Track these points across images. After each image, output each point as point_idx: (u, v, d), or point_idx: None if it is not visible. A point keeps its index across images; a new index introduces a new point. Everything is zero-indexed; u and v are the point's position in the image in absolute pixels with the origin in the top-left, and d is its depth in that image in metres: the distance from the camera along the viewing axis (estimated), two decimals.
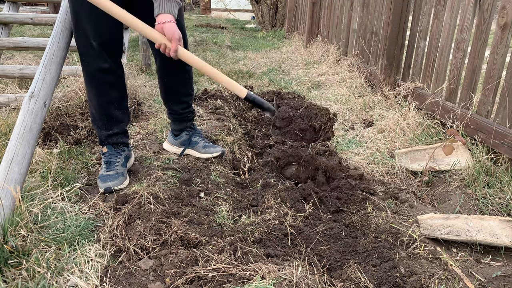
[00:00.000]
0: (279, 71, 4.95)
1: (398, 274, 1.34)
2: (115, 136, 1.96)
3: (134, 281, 1.27)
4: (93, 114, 1.93)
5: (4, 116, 2.54)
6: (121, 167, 1.92)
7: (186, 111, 2.17)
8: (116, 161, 1.92)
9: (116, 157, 1.93)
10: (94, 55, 1.79)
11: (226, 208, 1.78)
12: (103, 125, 1.92)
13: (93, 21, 1.73)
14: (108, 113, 1.91)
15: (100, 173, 1.89)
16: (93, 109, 1.91)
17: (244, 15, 14.42)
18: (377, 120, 2.85)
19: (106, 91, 1.86)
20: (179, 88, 2.11)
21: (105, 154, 1.94)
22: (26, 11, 9.25)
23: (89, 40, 1.74)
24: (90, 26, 1.73)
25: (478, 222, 1.58)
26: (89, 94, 1.89)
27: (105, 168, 1.90)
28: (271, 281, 1.20)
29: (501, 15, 2.04)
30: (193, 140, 2.22)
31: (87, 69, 1.82)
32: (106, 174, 1.86)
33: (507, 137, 1.92)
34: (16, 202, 1.42)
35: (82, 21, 1.73)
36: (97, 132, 1.96)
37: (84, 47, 1.78)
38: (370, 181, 2.08)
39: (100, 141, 1.98)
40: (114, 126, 1.94)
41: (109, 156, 1.93)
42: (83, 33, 1.75)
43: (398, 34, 3.13)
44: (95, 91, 1.86)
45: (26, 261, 1.27)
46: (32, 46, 3.47)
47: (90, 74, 1.83)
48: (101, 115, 1.90)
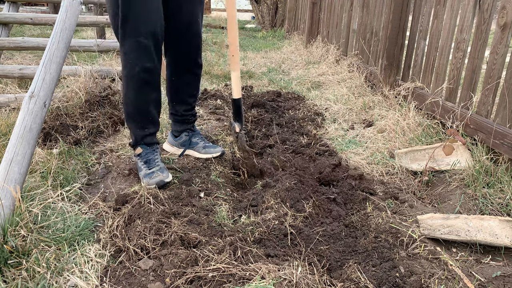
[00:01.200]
0: (279, 71, 4.95)
1: (398, 274, 1.34)
2: (150, 136, 1.95)
3: (134, 281, 1.27)
4: (129, 114, 1.90)
5: (4, 116, 2.54)
6: (161, 163, 1.92)
7: (188, 114, 2.17)
8: (155, 158, 1.92)
9: (153, 154, 1.93)
10: (142, 53, 1.76)
11: (226, 208, 1.78)
12: (141, 125, 1.91)
13: (145, 16, 1.71)
14: (147, 113, 1.90)
15: (142, 173, 1.87)
16: (130, 109, 1.88)
17: (244, 15, 14.42)
18: (377, 120, 2.85)
19: (148, 91, 1.85)
20: (186, 88, 2.11)
21: (140, 155, 1.93)
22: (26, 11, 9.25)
23: (139, 37, 1.72)
24: (141, 21, 1.71)
25: (478, 222, 1.58)
26: (128, 94, 1.85)
27: (146, 167, 1.88)
28: (271, 281, 1.20)
29: (501, 15, 2.04)
30: (193, 141, 2.21)
31: (130, 68, 1.78)
32: (150, 171, 1.84)
33: (507, 137, 1.92)
34: (16, 202, 1.42)
35: (133, 16, 1.70)
36: (132, 133, 1.94)
37: (131, 45, 1.74)
38: (370, 181, 2.08)
39: (134, 142, 1.95)
40: (151, 126, 1.94)
41: (147, 155, 1.92)
42: (131, 30, 1.71)
43: (398, 34, 3.13)
44: (136, 91, 1.83)
45: (26, 261, 1.27)
46: (32, 46, 3.47)
47: (134, 74, 1.79)
48: (140, 115, 1.89)
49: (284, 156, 2.33)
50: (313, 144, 2.59)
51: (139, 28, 1.72)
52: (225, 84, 4.10)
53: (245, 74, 4.60)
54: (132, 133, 1.95)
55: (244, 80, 4.37)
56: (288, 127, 2.95)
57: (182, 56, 2.02)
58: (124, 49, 1.76)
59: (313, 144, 2.59)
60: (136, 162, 1.96)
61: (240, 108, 1.99)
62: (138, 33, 1.72)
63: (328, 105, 3.37)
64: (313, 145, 2.58)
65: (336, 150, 2.49)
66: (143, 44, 1.73)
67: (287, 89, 4.03)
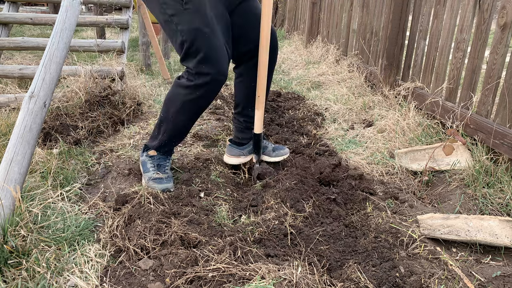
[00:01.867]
0: (279, 71, 4.95)
1: (398, 274, 1.34)
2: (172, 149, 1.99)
3: (134, 281, 1.27)
4: (171, 131, 1.89)
5: (4, 116, 2.54)
6: (170, 172, 1.94)
7: None
8: (166, 165, 1.93)
9: (165, 161, 1.95)
10: (216, 88, 1.76)
11: (226, 208, 1.78)
12: (176, 140, 1.94)
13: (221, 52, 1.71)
14: (186, 132, 1.94)
15: (149, 176, 1.86)
16: (174, 127, 1.87)
17: None
18: (377, 120, 2.85)
19: (197, 116, 1.89)
20: None
21: (154, 157, 1.93)
22: (26, 11, 9.25)
23: (217, 74, 1.71)
24: (220, 57, 1.70)
25: (478, 222, 1.58)
26: (178, 116, 1.84)
27: (154, 171, 1.88)
28: (271, 281, 1.20)
29: (501, 15, 2.04)
30: (264, 145, 2.17)
31: (197, 98, 1.76)
32: (159, 177, 1.85)
33: (507, 137, 1.92)
34: (16, 202, 1.42)
35: (216, 50, 1.69)
36: (162, 142, 1.92)
37: (207, 79, 1.71)
38: (370, 181, 2.08)
39: (157, 148, 1.94)
40: (180, 141, 1.98)
41: (159, 160, 1.93)
42: (211, 66, 1.69)
43: (398, 34, 3.13)
44: (188, 116, 1.85)
45: (26, 261, 1.27)
46: (32, 46, 3.47)
47: (198, 104, 1.79)
48: (181, 134, 1.92)
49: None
50: (313, 144, 2.59)
51: (217, 65, 1.70)
52: (225, 84, 4.10)
53: None
54: (161, 142, 1.93)
55: None
56: (288, 127, 2.95)
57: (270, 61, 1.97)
58: (198, 81, 1.72)
59: (313, 144, 2.59)
60: (145, 161, 1.94)
61: (260, 142, 2.07)
62: (216, 69, 1.71)
63: (328, 105, 3.37)
64: (313, 145, 2.58)
65: (336, 150, 2.49)
66: (219, 80, 1.73)
67: (287, 89, 4.03)
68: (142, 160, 1.96)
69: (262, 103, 1.95)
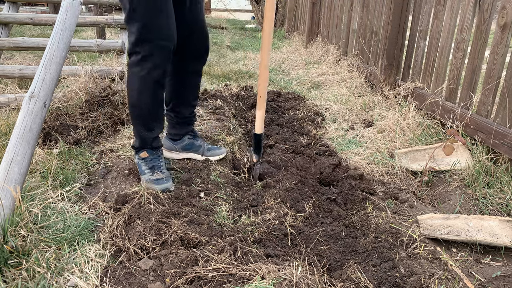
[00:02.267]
0: (279, 71, 4.95)
1: (398, 274, 1.34)
2: (157, 139, 1.94)
3: (134, 281, 1.27)
4: (142, 117, 1.86)
5: (4, 116, 2.54)
6: (166, 170, 1.90)
7: (192, 115, 2.16)
8: (160, 165, 1.90)
9: (159, 161, 1.92)
10: (163, 58, 1.74)
11: (226, 208, 1.78)
12: (150, 127, 1.88)
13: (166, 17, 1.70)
14: (156, 115, 1.88)
15: (147, 178, 1.84)
16: (144, 112, 1.85)
17: (244, 15, 14.42)
18: (377, 120, 2.85)
19: (159, 93, 1.84)
20: (193, 90, 2.10)
21: (146, 159, 1.90)
22: (26, 11, 9.24)
23: (160, 39, 1.69)
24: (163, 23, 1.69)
25: (478, 222, 1.58)
26: (140, 97, 1.81)
27: (150, 173, 1.86)
28: (271, 281, 1.20)
29: (501, 15, 2.04)
30: (196, 144, 2.18)
31: (149, 71, 1.74)
32: (156, 178, 1.83)
33: (507, 137, 1.92)
34: (16, 202, 1.42)
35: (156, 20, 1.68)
36: (139, 135, 1.90)
37: (151, 48, 1.70)
38: (370, 181, 2.08)
39: (141, 145, 1.92)
40: (158, 128, 1.92)
41: (152, 161, 1.90)
42: (154, 32, 1.68)
43: (398, 34, 3.13)
44: (150, 94, 1.81)
45: (26, 261, 1.27)
46: (32, 46, 3.47)
47: (153, 78, 1.76)
48: (150, 117, 1.87)
49: (284, 156, 2.33)
50: (313, 144, 2.59)
51: (161, 31, 1.69)
52: (225, 84, 4.10)
53: (245, 74, 4.60)
54: (139, 136, 1.91)
55: (244, 80, 4.37)
56: (288, 127, 2.95)
57: (192, 59, 2.01)
58: (143, 51, 1.71)
59: (313, 144, 2.59)
60: (139, 164, 1.92)
61: (261, 142, 2.10)
62: (160, 35, 1.69)
63: (328, 105, 3.37)
64: (313, 145, 2.58)
65: (336, 150, 2.49)
66: (164, 47, 1.72)
67: (287, 89, 4.03)
68: (136, 162, 1.96)
69: (263, 103, 1.98)
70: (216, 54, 5.96)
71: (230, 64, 5.23)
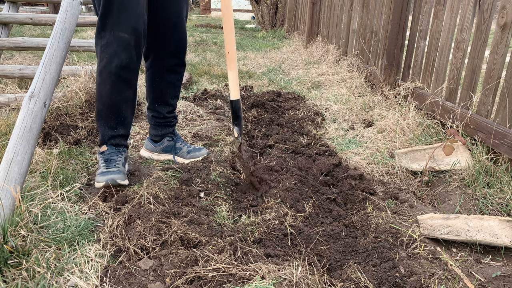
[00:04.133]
0: (279, 71, 4.95)
1: (398, 274, 1.34)
2: (119, 137, 1.87)
3: (134, 281, 1.27)
4: (100, 111, 1.82)
5: (4, 116, 2.54)
6: (122, 166, 1.81)
7: (171, 116, 2.12)
8: (117, 159, 1.82)
9: (117, 156, 1.84)
10: (120, 48, 1.69)
11: (226, 208, 1.78)
12: (110, 124, 1.82)
13: (127, 9, 1.66)
14: (119, 113, 1.81)
15: (98, 172, 1.77)
16: (101, 105, 1.80)
17: (244, 15, 14.42)
18: (377, 120, 2.85)
19: (122, 89, 1.77)
20: (170, 89, 2.06)
21: (104, 153, 1.83)
22: (26, 11, 9.25)
23: (119, 31, 1.66)
24: (122, 15, 1.66)
25: (478, 222, 1.58)
26: (101, 89, 1.77)
27: (104, 165, 1.77)
28: (271, 281, 1.20)
29: (501, 15, 2.04)
30: (177, 146, 2.16)
31: (107, 63, 1.70)
32: (106, 170, 1.74)
33: (507, 137, 1.92)
34: (16, 202, 1.42)
35: (115, 7, 1.65)
36: (100, 131, 1.85)
37: (109, 39, 1.68)
38: (370, 181, 2.08)
39: (101, 141, 1.86)
40: (121, 127, 1.85)
41: (110, 155, 1.82)
42: (112, 22, 1.66)
43: (398, 34, 3.13)
44: (109, 88, 1.75)
45: (26, 261, 1.27)
46: (32, 46, 3.47)
47: (110, 69, 1.71)
48: (111, 113, 1.81)
49: (284, 156, 2.33)
50: (313, 144, 2.59)
51: (120, 22, 1.66)
52: (225, 84, 4.10)
53: (245, 74, 4.60)
54: (100, 131, 1.85)
55: (244, 80, 4.37)
56: (288, 127, 2.95)
57: (168, 56, 1.98)
58: (102, 41, 1.69)
59: (313, 144, 2.59)
60: (98, 159, 1.84)
61: (239, 111, 1.87)
62: (119, 26, 1.66)
63: (328, 105, 3.37)
64: (313, 145, 2.58)
65: (336, 150, 2.49)
66: (123, 39, 1.67)
67: (287, 89, 4.03)
68: (97, 158, 1.88)
69: (234, 62, 1.76)
70: (216, 54, 5.96)
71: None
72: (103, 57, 1.71)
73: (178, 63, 2.04)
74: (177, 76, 2.06)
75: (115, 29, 1.67)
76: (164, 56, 1.99)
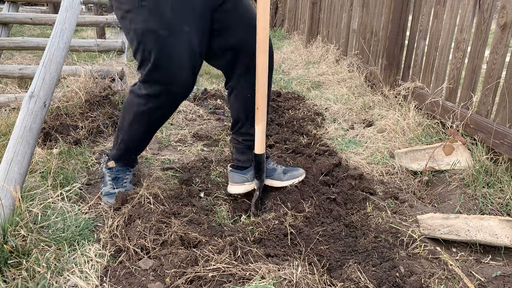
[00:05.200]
0: (279, 71, 4.95)
1: (398, 274, 1.34)
2: (133, 159, 1.84)
3: (134, 281, 1.27)
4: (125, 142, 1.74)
5: (4, 116, 2.54)
6: (129, 184, 1.81)
7: None
8: (125, 178, 1.80)
9: (125, 174, 1.81)
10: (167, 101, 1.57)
11: (226, 208, 1.78)
12: (131, 152, 1.78)
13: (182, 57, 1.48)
14: (143, 146, 1.79)
15: (105, 190, 1.75)
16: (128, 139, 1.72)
17: None
18: (377, 120, 2.85)
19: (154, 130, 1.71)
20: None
21: (112, 169, 1.80)
22: (26, 11, 9.24)
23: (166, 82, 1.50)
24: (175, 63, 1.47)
25: (478, 222, 1.58)
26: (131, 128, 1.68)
27: (111, 184, 1.76)
28: (271, 281, 1.20)
29: (501, 15, 2.04)
30: (270, 168, 1.81)
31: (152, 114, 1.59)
32: (114, 191, 1.74)
33: (507, 137, 1.92)
34: (16, 202, 1.42)
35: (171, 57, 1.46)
36: (120, 154, 1.78)
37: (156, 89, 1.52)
38: (370, 181, 2.08)
39: (114, 157, 1.80)
40: (139, 152, 1.84)
41: (118, 172, 1.79)
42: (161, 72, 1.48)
43: (398, 34, 3.12)
44: (142, 130, 1.68)
45: (26, 261, 1.27)
46: (32, 46, 3.47)
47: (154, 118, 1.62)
48: (142, 146, 1.78)
49: (284, 156, 2.33)
50: (313, 144, 2.59)
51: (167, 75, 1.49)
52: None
53: None
54: (117, 151, 1.78)
55: None
56: (288, 127, 2.95)
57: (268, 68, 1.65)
58: (148, 91, 1.55)
59: (313, 144, 2.59)
60: (104, 173, 1.81)
61: (261, 164, 1.70)
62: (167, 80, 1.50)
63: (328, 105, 3.37)
64: (313, 145, 2.58)
65: (336, 150, 2.49)
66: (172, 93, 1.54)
67: (287, 89, 4.03)
68: (103, 172, 1.83)
69: (263, 116, 1.60)
70: None
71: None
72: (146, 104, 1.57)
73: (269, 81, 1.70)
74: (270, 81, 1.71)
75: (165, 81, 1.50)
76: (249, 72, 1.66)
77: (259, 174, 1.73)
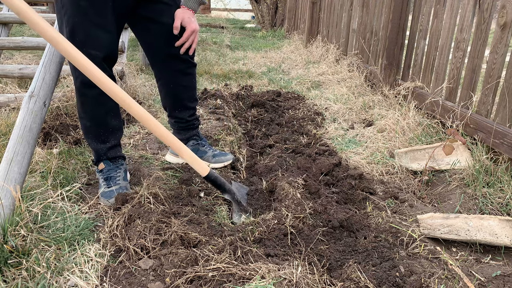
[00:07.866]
0: (279, 70, 4.95)
1: (398, 273, 1.34)
2: (113, 149, 1.84)
3: (134, 281, 1.27)
4: (87, 128, 1.79)
5: (4, 116, 2.54)
6: (123, 181, 1.80)
7: (192, 118, 2.08)
8: (117, 176, 1.80)
9: (116, 172, 1.82)
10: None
11: (226, 208, 1.78)
12: (100, 138, 1.79)
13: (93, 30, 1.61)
14: (106, 124, 1.78)
15: (100, 191, 1.76)
16: (87, 122, 1.77)
17: (244, 14, 14.42)
18: (377, 120, 2.85)
19: (103, 101, 1.71)
20: (185, 92, 2.00)
21: (102, 171, 1.81)
22: None
23: (88, 50, 1.59)
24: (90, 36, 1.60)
25: (478, 221, 1.58)
26: (83, 107, 1.74)
27: (105, 185, 1.77)
28: (271, 281, 1.20)
29: (500, 14, 2.04)
30: (201, 150, 2.10)
31: (82, 79, 1.64)
32: (109, 190, 1.74)
33: (507, 136, 1.92)
34: (16, 202, 1.42)
35: (80, 29, 1.60)
36: (93, 147, 1.82)
37: None
38: (370, 181, 2.08)
39: (96, 158, 1.84)
40: (112, 137, 1.82)
41: (108, 172, 1.81)
42: (81, 42, 1.59)
43: (398, 33, 3.12)
44: (91, 102, 1.72)
45: (26, 261, 1.27)
46: (32, 46, 3.47)
47: (87, 85, 1.64)
48: (99, 127, 1.78)
49: (284, 156, 2.33)
50: (313, 143, 2.59)
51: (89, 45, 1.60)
52: (224, 83, 4.10)
53: (245, 74, 4.60)
54: (93, 149, 1.83)
55: (244, 79, 4.37)
56: (288, 126, 2.95)
57: (175, 61, 1.90)
58: None
59: (313, 144, 2.59)
60: (98, 177, 1.84)
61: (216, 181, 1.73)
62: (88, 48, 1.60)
63: (328, 105, 3.37)
64: (313, 144, 2.58)
65: (336, 149, 2.49)
66: (96, 58, 1.60)
67: (287, 89, 4.02)
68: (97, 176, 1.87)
69: (180, 149, 1.63)
70: (216, 54, 5.96)
71: (230, 64, 5.23)
72: (78, 74, 1.65)
73: (189, 64, 1.96)
74: (191, 78, 1.99)
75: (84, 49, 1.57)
76: (172, 62, 1.90)
77: (221, 189, 1.76)
